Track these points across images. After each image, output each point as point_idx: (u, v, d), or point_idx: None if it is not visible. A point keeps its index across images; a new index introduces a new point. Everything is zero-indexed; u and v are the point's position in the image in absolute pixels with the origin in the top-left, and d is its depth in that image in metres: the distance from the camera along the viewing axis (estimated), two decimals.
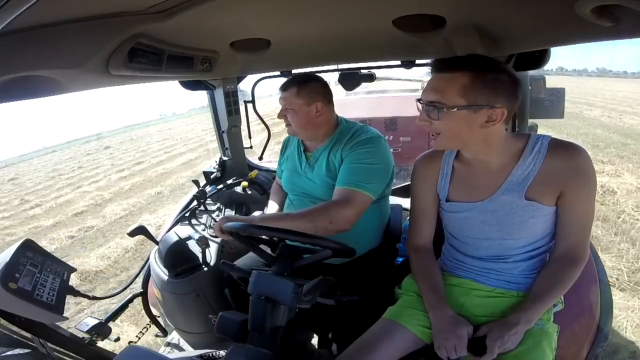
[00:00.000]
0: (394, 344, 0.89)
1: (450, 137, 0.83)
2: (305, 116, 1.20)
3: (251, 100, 2.00)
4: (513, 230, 0.87)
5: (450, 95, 0.77)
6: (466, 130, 0.80)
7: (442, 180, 0.97)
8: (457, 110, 0.77)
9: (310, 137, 1.28)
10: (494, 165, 0.87)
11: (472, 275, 0.95)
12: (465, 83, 0.76)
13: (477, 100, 0.76)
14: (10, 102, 0.85)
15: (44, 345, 0.96)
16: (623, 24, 0.67)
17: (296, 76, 1.29)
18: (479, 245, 0.93)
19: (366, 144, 1.15)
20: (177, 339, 1.67)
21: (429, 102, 0.80)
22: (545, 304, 0.84)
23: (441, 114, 0.79)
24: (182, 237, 1.35)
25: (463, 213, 0.93)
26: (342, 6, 0.98)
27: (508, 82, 0.78)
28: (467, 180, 0.93)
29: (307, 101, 1.19)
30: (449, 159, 0.96)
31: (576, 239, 0.86)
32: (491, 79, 0.76)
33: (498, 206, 0.87)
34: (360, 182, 1.08)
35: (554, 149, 0.82)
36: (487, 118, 0.78)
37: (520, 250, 0.89)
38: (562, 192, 0.82)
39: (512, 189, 0.85)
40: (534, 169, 0.83)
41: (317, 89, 1.21)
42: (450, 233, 1.01)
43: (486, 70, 0.77)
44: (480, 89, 0.76)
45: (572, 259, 0.85)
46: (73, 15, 0.75)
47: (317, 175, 1.24)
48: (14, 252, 0.96)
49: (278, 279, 0.78)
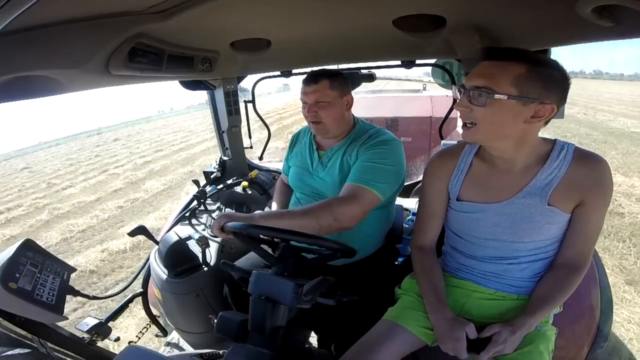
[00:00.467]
0: (394, 345, 0.89)
1: (488, 128, 0.78)
2: (340, 109, 1.17)
3: (251, 100, 2.00)
4: (526, 234, 0.86)
5: (502, 82, 0.74)
6: (509, 122, 0.77)
7: (456, 178, 0.94)
8: (507, 99, 0.74)
9: (339, 133, 1.23)
10: (518, 166, 0.85)
11: (473, 277, 0.95)
12: (520, 73, 0.73)
13: (529, 93, 0.74)
14: (11, 102, 0.85)
15: (44, 345, 0.96)
16: (623, 24, 0.67)
17: (323, 70, 1.24)
18: (486, 246, 0.92)
19: (382, 145, 1.13)
20: (177, 339, 1.67)
21: (476, 87, 0.76)
22: (547, 309, 0.84)
23: (489, 99, 0.74)
24: (182, 237, 1.35)
25: (475, 214, 0.91)
26: (342, 6, 0.98)
27: (561, 81, 0.76)
28: (485, 179, 0.90)
29: (340, 93, 1.17)
30: (467, 156, 0.93)
31: (583, 248, 0.85)
32: (546, 74, 0.74)
33: (516, 209, 0.85)
34: (370, 180, 1.06)
35: (578, 157, 0.81)
36: (534, 113, 0.75)
37: (528, 253, 0.89)
38: (581, 201, 0.82)
39: (535, 192, 0.83)
40: (559, 174, 0.81)
41: (345, 81, 1.19)
42: (455, 233, 0.99)
43: (542, 65, 0.75)
44: (534, 81, 0.73)
45: (577, 266, 0.85)
46: (73, 15, 0.75)
47: (329, 174, 1.21)
48: (14, 252, 0.96)
49: (278, 279, 0.78)
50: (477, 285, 0.94)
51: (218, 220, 0.98)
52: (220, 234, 0.99)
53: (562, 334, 0.91)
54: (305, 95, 1.19)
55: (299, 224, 0.97)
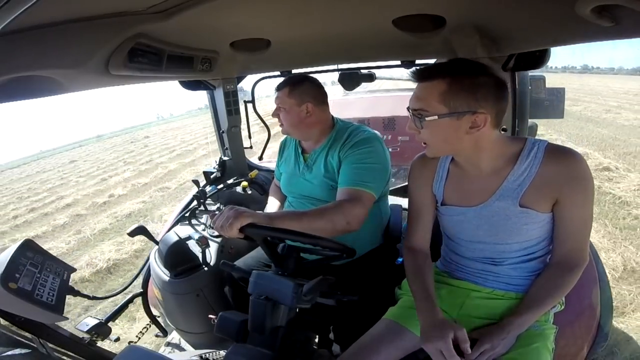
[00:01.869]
0: (394, 345, 0.89)
1: (438, 145, 0.82)
2: (296, 116, 1.22)
3: (251, 100, 2.00)
4: (507, 235, 0.86)
5: (430, 102, 0.77)
6: (452, 137, 0.79)
7: (438, 183, 0.96)
8: (438, 118, 0.76)
9: (303, 136, 1.29)
10: (485, 170, 0.85)
11: (470, 277, 0.95)
12: (444, 90, 0.75)
13: (458, 107, 0.75)
14: (11, 102, 0.85)
15: (44, 345, 0.96)
16: (623, 24, 0.67)
17: (291, 76, 1.30)
18: (473, 248, 0.93)
19: (364, 145, 1.15)
20: (177, 339, 1.67)
21: (414, 110, 0.80)
22: (540, 309, 0.83)
23: (423, 122, 0.78)
24: (182, 237, 1.35)
25: (458, 217, 0.93)
26: (342, 6, 0.98)
27: (489, 86, 0.76)
28: (462, 184, 0.91)
29: (298, 101, 1.21)
30: (444, 162, 0.95)
31: (573, 246, 0.84)
32: (469, 84, 0.75)
33: (492, 212, 0.86)
34: (366, 182, 1.08)
35: (550, 154, 0.80)
36: (471, 124, 0.76)
37: (514, 255, 0.89)
38: (557, 199, 0.81)
39: (507, 195, 0.83)
40: (530, 174, 0.81)
41: (309, 90, 1.22)
42: (446, 235, 1.02)
43: (463, 75, 0.75)
44: (459, 94, 0.74)
45: (570, 264, 0.84)
46: (73, 15, 0.75)
47: (316, 176, 1.24)
48: (14, 252, 0.96)
49: (278, 279, 0.78)
50: (474, 284, 0.94)
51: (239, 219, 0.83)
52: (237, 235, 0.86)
53: (562, 333, 0.91)
54: (274, 100, 1.27)
55: (316, 226, 0.95)
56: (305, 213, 1.02)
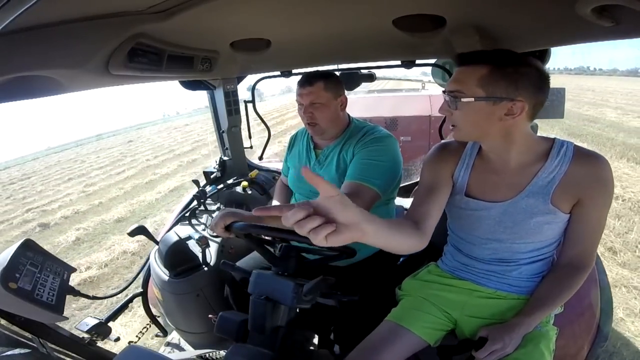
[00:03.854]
0: (398, 346, 0.89)
1: (467, 128, 0.82)
2: (335, 110, 1.20)
3: (251, 100, 2.00)
4: (527, 233, 0.86)
5: (469, 85, 0.77)
6: (484, 122, 0.79)
7: (462, 171, 0.92)
8: (475, 101, 0.77)
9: (334, 133, 1.25)
10: (513, 164, 0.85)
11: (474, 277, 0.95)
12: (484, 74, 0.76)
13: (496, 93, 0.75)
14: (11, 102, 0.85)
15: (44, 345, 0.96)
16: (623, 24, 0.67)
17: (316, 71, 1.26)
18: (487, 247, 0.92)
19: (377, 143, 1.14)
20: (177, 339, 1.67)
21: (450, 92, 0.81)
22: (547, 309, 0.84)
23: (458, 103, 0.79)
24: (182, 237, 1.35)
25: (480, 212, 0.90)
26: (342, 6, 0.98)
27: (531, 76, 0.76)
28: (487, 177, 0.89)
29: (334, 94, 1.19)
30: (471, 151, 0.93)
31: (585, 248, 0.85)
32: (510, 72, 0.75)
33: (519, 209, 0.85)
34: (369, 177, 1.07)
35: (578, 155, 0.81)
36: (507, 111, 0.76)
37: (527, 255, 0.89)
38: (579, 200, 0.81)
39: (538, 191, 0.83)
40: (560, 173, 0.81)
41: (339, 82, 1.22)
42: (455, 233, 0.99)
43: (506, 64, 0.76)
44: (499, 81, 0.75)
45: (579, 266, 0.85)
46: (73, 15, 0.75)
47: (327, 172, 1.22)
48: (14, 252, 0.96)
49: (278, 279, 0.78)
50: (477, 285, 0.94)
51: (223, 219, 0.93)
52: (223, 234, 0.95)
53: (562, 334, 0.91)
54: (300, 97, 1.21)
55: None
56: None
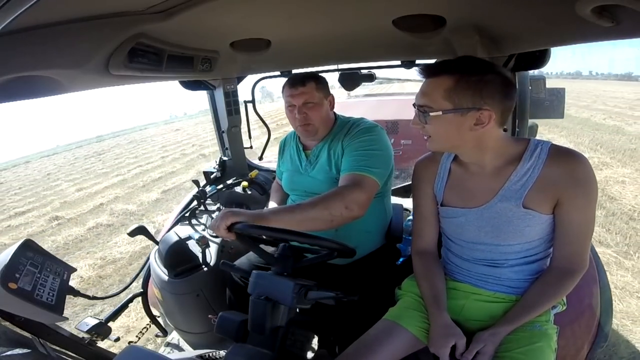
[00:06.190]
0: (393, 345, 0.88)
1: (440, 140, 0.83)
2: (326, 109, 1.21)
3: (251, 100, 2.00)
4: (508, 236, 0.86)
5: (435, 98, 0.77)
6: (455, 133, 0.79)
7: (439, 184, 0.96)
8: (442, 114, 0.77)
9: (324, 133, 1.25)
10: (488, 169, 0.85)
11: (472, 279, 0.95)
12: (449, 86, 0.76)
13: (462, 103, 0.75)
14: (11, 102, 0.85)
15: (44, 345, 0.96)
16: (623, 24, 0.67)
17: (305, 73, 1.27)
18: (475, 250, 0.92)
19: (367, 133, 1.15)
20: (177, 339, 1.67)
21: (419, 107, 0.81)
22: (533, 312, 0.83)
23: (427, 117, 0.79)
24: (182, 237, 1.35)
25: (459, 218, 0.92)
26: (342, 6, 0.98)
27: (496, 84, 0.75)
28: (463, 184, 0.91)
29: (325, 94, 1.20)
30: (446, 162, 0.95)
31: (573, 249, 0.83)
32: (475, 81, 0.75)
33: (494, 213, 0.86)
34: (367, 167, 1.07)
35: (553, 155, 0.80)
36: (475, 121, 0.76)
37: (516, 256, 0.88)
38: (558, 200, 0.80)
39: (510, 196, 0.83)
40: (533, 175, 0.80)
41: (326, 83, 1.24)
42: (447, 237, 1.00)
43: (470, 73, 0.76)
44: (464, 91, 0.75)
45: (568, 269, 0.83)
46: (73, 15, 0.75)
47: (320, 171, 1.22)
48: (14, 252, 0.96)
49: (278, 279, 0.77)
50: (475, 287, 0.94)
51: (224, 219, 0.87)
52: (226, 235, 0.88)
53: (562, 333, 0.91)
54: (292, 98, 1.19)
55: (312, 216, 0.93)
56: (299, 205, 0.98)
